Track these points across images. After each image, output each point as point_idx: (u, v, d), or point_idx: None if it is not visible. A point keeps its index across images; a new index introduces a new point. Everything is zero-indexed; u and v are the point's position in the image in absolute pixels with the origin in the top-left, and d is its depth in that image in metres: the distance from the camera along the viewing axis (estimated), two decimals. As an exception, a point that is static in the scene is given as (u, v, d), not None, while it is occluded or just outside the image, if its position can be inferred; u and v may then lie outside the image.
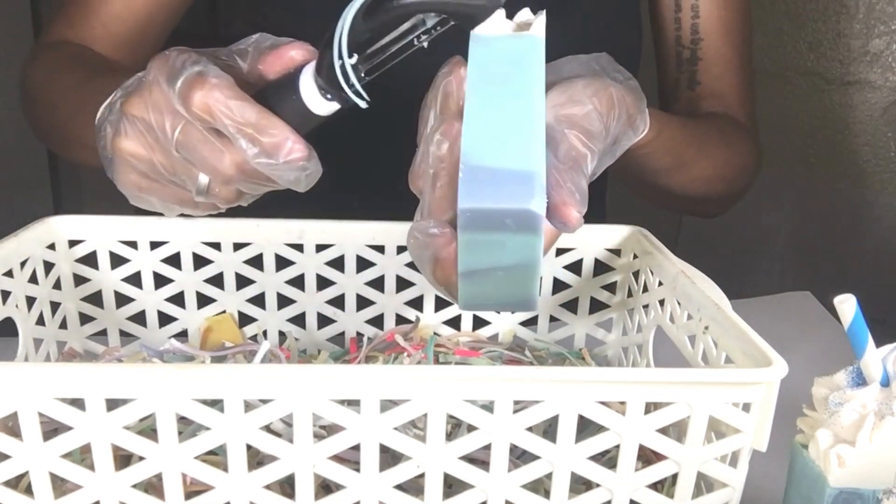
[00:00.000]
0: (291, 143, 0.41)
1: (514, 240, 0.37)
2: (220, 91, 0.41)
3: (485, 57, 0.40)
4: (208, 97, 0.41)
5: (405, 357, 0.58)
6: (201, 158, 0.43)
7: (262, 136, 0.41)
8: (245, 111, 0.41)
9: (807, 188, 1.70)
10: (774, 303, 0.82)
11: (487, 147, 0.38)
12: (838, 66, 1.65)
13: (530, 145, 0.38)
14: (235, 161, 0.43)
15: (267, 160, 0.41)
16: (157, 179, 0.46)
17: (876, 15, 1.61)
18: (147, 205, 0.49)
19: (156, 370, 0.37)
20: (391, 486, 0.39)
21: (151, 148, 0.44)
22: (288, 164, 0.41)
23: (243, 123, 0.41)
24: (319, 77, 0.41)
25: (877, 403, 0.39)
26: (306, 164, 0.42)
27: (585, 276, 0.62)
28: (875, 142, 1.66)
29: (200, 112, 0.41)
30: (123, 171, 0.46)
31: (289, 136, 0.41)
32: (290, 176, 0.42)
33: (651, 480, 0.41)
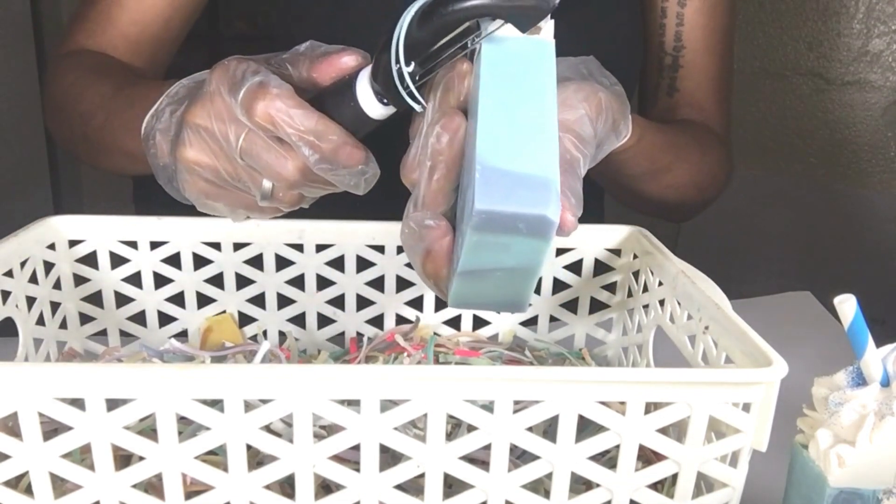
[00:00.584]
0: (350, 148, 0.43)
1: (522, 244, 0.37)
2: (282, 100, 0.42)
3: (497, 58, 0.40)
4: (270, 107, 0.42)
5: (405, 357, 0.58)
6: (265, 165, 0.44)
7: (323, 142, 0.42)
8: (306, 119, 0.42)
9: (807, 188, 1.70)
10: (774, 303, 0.82)
11: (504, 149, 0.37)
12: (838, 66, 1.65)
13: (547, 150, 0.38)
14: (298, 167, 0.44)
15: (328, 165, 0.43)
16: (223, 186, 0.48)
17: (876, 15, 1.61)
18: (213, 210, 0.50)
19: (156, 370, 0.37)
20: (391, 486, 0.39)
21: (216, 156, 0.46)
22: (348, 169, 0.43)
23: (304, 131, 0.42)
24: (376, 82, 0.42)
25: (877, 403, 0.39)
26: (365, 168, 0.44)
27: (585, 276, 0.62)
28: (875, 142, 1.66)
29: (263, 121, 0.42)
30: (189, 179, 0.48)
31: (347, 141, 0.43)
32: (350, 180, 0.44)
33: (651, 480, 0.41)
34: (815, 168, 1.69)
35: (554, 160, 0.38)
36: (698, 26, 0.79)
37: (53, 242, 0.57)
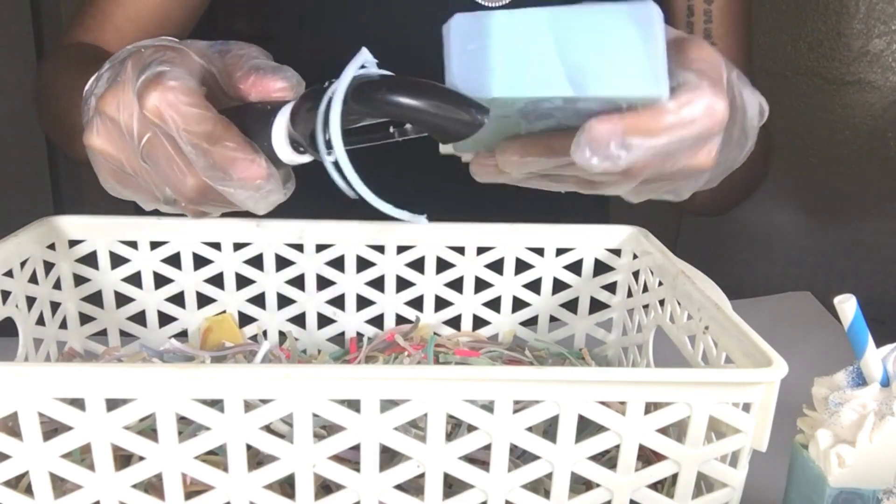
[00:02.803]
0: (248, 162, 0.39)
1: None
2: (176, 95, 0.38)
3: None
4: (161, 100, 0.38)
5: (405, 357, 0.58)
6: (164, 175, 0.41)
7: (216, 148, 0.38)
8: (200, 120, 0.38)
9: (807, 188, 1.70)
10: (774, 303, 0.82)
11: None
12: (838, 66, 1.65)
13: None
14: (198, 185, 0.40)
15: (220, 176, 0.39)
16: (130, 179, 0.44)
17: (876, 15, 1.61)
18: (122, 196, 0.47)
19: (156, 370, 0.37)
20: (391, 486, 0.39)
21: (121, 150, 0.42)
22: (242, 182, 0.39)
23: (195, 133, 0.38)
24: (294, 130, 0.39)
25: (877, 403, 0.39)
26: (263, 184, 0.39)
27: (585, 276, 0.62)
28: (875, 142, 1.66)
29: (152, 115, 0.39)
30: (97, 164, 0.45)
31: (246, 154, 0.39)
32: (243, 195, 0.40)
33: (651, 480, 0.41)
34: (815, 168, 1.69)
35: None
36: (725, 22, 0.78)
37: (53, 242, 0.57)
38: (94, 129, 0.43)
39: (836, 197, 1.70)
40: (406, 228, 0.60)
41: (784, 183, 1.68)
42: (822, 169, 1.69)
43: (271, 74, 0.41)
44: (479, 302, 0.63)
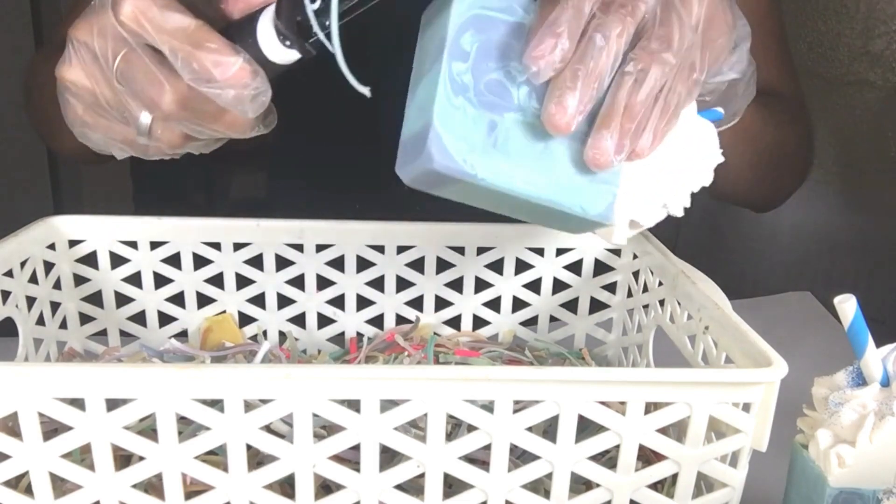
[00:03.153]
0: (233, 59, 0.37)
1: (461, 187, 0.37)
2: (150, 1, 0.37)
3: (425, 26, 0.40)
4: (137, 4, 0.37)
5: (405, 357, 0.58)
6: (140, 90, 0.39)
7: (199, 50, 0.37)
8: (180, 22, 0.37)
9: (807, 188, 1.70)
10: (774, 303, 0.82)
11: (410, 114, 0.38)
12: (838, 66, 1.65)
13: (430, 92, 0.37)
14: (177, 96, 0.39)
15: (205, 80, 0.37)
16: (101, 114, 0.42)
17: (876, 15, 1.61)
18: (90, 142, 0.45)
19: (156, 370, 0.37)
20: (391, 486, 0.39)
21: (94, 79, 0.41)
22: (230, 82, 0.37)
23: (178, 37, 0.37)
24: (279, 20, 0.38)
25: (877, 403, 0.39)
26: (249, 82, 0.38)
27: (585, 276, 0.62)
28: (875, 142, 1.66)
29: (129, 22, 0.37)
30: (69, 101, 0.43)
31: (231, 52, 0.37)
32: (230, 95, 0.38)
33: (651, 480, 0.41)
34: (815, 168, 1.69)
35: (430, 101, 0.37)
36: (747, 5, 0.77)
37: (53, 242, 0.57)
38: (66, 61, 0.41)
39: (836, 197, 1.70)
40: (406, 228, 0.60)
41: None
42: (822, 169, 1.69)
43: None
44: (479, 302, 0.63)
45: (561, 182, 0.39)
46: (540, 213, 0.40)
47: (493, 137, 0.37)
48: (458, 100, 0.37)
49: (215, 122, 0.40)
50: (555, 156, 0.39)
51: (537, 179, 0.38)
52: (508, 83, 0.38)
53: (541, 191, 0.38)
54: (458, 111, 0.37)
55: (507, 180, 0.37)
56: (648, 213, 0.42)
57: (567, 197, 0.39)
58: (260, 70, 0.38)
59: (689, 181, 0.43)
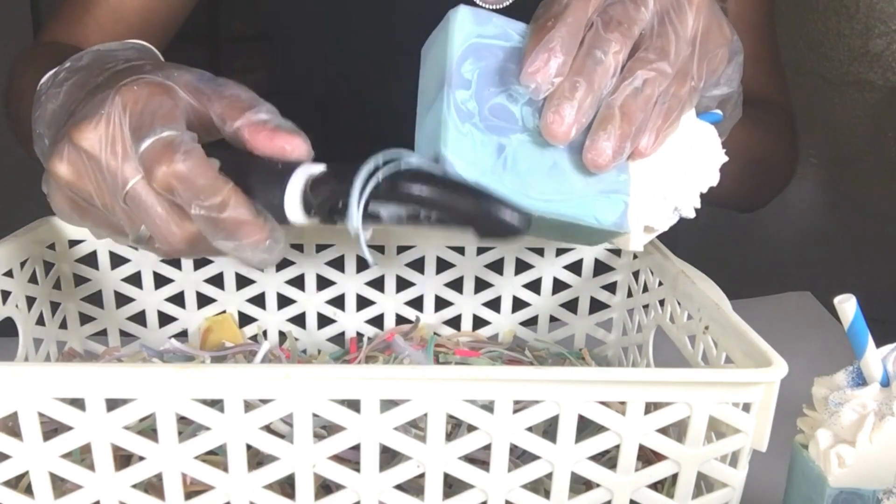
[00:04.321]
0: (257, 225, 0.37)
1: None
2: (190, 168, 0.36)
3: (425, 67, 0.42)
4: (174, 175, 0.36)
5: (405, 357, 0.58)
6: (151, 224, 0.39)
7: (226, 214, 0.37)
8: (214, 192, 0.37)
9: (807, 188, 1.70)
10: (774, 303, 0.82)
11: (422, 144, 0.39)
12: (838, 66, 1.65)
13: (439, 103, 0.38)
14: (188, 237, 0.39)
15: (230, 242, 0.37)
16: (94, 213, 0.41)
17: (876, 15, 1.61)
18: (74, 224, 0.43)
19: (156, 370, 0.37)
20: (391, 486, 0.39)
21: (95, 185, 0.39)
22: (252, 245, 0.37)
23: (209, 206, 0.36)
24: (314, 196, 0.37)
25: (877, 403, 0.39)
26: (273, 245, 0.38)
27: (585, 276, 0.62)
28: (875, 142, 1.66)
29: (162, 187, 0.37)
30: (56, 193, 0.41)
31: (255, 217, 0.37)
32: (247, 254, 0.38)
33: (651, 480, 0.41)
34: (816, 168, 1.69)
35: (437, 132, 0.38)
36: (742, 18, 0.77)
37: (53, 242, 0.57)
38: (62, 157, 0.39)
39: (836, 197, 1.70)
40: (406, 228, 0.60)
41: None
42: (822, 169, 1.69)
43: (288, 134, 0.39)
44: (479, 302, 0.63)
45: (573, 196, 0.40)
46: (558, 229, 0.41)
47: (502, 159, 0.38)
48: (465, 126, 0.38)
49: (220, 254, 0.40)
50: (564, 171, 0.40)
51: (550, 196, 0.39)
52: (511, 105, 0.39)
53: (554, 207, 0.39)
54: (465, 137, 0.38)
55: (520, 200, 0.38)
56: (661, 217, 0.43)
57: (580, 210, 0.40)
58: (279, 229, 0.38)
59: (696, 182, 0.44)
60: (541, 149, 0.39)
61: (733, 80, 0.45)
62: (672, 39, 0.40)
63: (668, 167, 0.42)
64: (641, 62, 0.39)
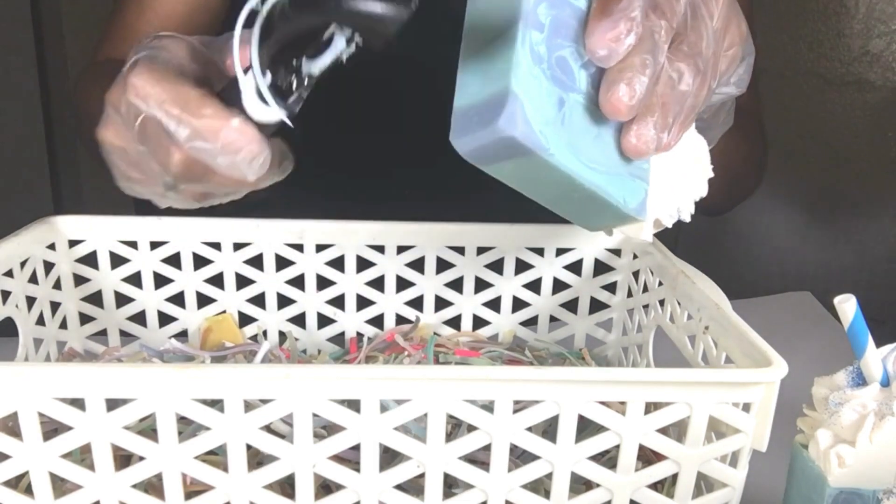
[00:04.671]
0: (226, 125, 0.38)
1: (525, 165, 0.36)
2: (153, 73, 0.39)
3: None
4: (141, 79, 0.39)
5: (405, 357, 0.58)
6: (154, 152, 0.41)
7: (194, 117, 0.38)
8: (177, 93, 0.39)
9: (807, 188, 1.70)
10: (774, 303, 0.82)
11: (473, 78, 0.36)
12: (838, 66, 1.65)
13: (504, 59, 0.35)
14: (182, 158, 0.40)
15: (202, 144, 0.39)
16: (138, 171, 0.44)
17: (876, 15, 1.61)
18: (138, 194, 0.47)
19: (156, 370, 0.37)
20: (391, 486, 0.39)
21: (124, 139, 0.43)
22: (224, 148, 0.39)
23: (173, 104, 0.39)
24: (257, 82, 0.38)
25: (877, 403, 0.39)
26: (243, 146, 0.39)
27: (585, 276, 0.62)
28: (875, 142, 1.66)
29: (135, 96, 0.40)
30: (111, 161, 0.45)
31: (225, 118, 0.38)
32: (224, 161, 0.39)
33: (651, 480, 0.41)
34: (815, 168, 1.69)
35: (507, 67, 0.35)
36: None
37: (53, 242, 0.57)
38: (104, 123, 0.43)
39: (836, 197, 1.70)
40: (406, 228, 0.60)
41: (784, 183, 1.68)
42: (822, 169, 1.69)
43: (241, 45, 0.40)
44: (479, 302, 0.63)
45: (610, 171, 0.38)
46: (577, 202, 0.39)
47: (561, 114, 0.36)
48: (535, 69, 0.35)
49: (224, 182, 0.41)
50: (605, 144, 0.38)
51: (593, 165, 0.37)
52: (573, 63, 0.37)
53: (596, 177, 0.37)
54: (535, 80, 0.35)
55: (570, 160, 0.36)
56: (668, 213, 0.43)
57: (613, 187, 0.38)
58: (255, 134, 0.39)
59: (693, 189, 0.43)
60: (590, 115, 0.37)
61: (743, 82, 0.44)
62: (704, 35, 0.39)
63: (677, 165, 0.42)
64: (680, 55, 0.38)
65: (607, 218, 0.41)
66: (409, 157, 0.69)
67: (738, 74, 0.44)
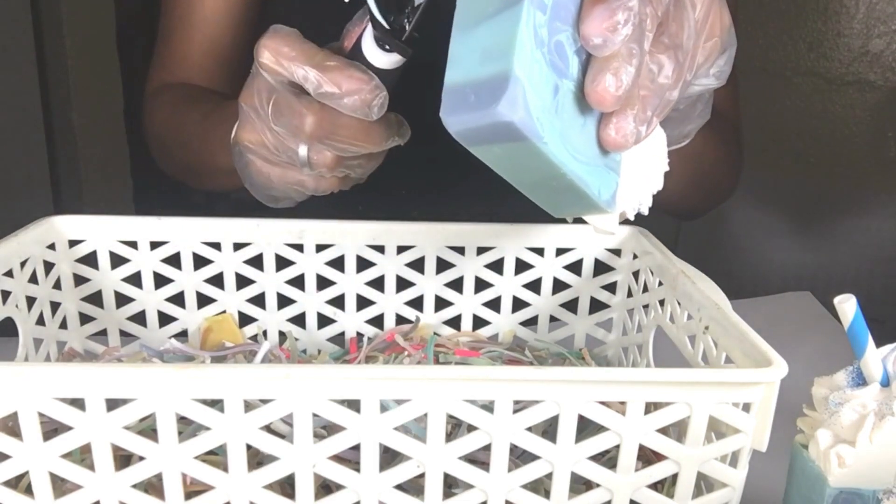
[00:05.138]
0: (347, 70, 0.43)
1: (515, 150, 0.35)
2: (279, 38, 0.44)
3: None
4: (270, 47, 0.44)
5: (405, 357, 0.58)
6: (288, 122, 0.45)
7: (321, 69, 0.43)
8: (306, 51, 0.43)
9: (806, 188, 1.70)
10: (774, 303, 0.82)
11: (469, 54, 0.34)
12: (838, 66, 1.65)
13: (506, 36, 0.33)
14: (315, 117, 0.45)
15: (330, 88, 0.43)
16: (274, 162, 0.49)
17: (876, 15, 1.61)
18: (276, 202, 0.52)
19: (156, 370, 0.37)
20: (391, 486, 0.39)
21: (259, 130, 0.47)
22: (349, 91, 0.43)
23: (304, 62, 0.43)
24: (375, 33, 0.44)
25: (877, 403, 0.39)
26: (365, 87, 0.43)
27: (585, 276, 0.62)
28: (875, 142, 1.66)
29: (267, 62, 0.44)
30: (249, 161, 0.49)
31: (346, 65, 0.43)
32: (351, 101, 0.43)
33: (651, 480, 0.41)
34: (815, 168, 1.69)
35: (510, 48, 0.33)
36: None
37: (53, 242, 0.57)
38: (240, 126, 0.48)
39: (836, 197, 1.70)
40: (406, 228, 0.60)
41: (784, 183, 1.68)
42: (822, 169, 1.69)
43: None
44: (479, 302, 0.63)
45: (590, 162, 0.37)
46: (553, 190, 0.38)
47: (555, 102, 0.35)
48: (536, 53, 0.34)
49: (353, 135, 0.45)
50: (588, 135, 0.37)
51: (577, 155, 0.37)
52: (568, 49, 0.36)
53: (578, 167, 0.37)
54: (536, 65, 0.34)
55: (559, 150, 0.35)
56: (631, 206, 0.42)
57: (592, 177, 0.38)
58: (373, 76, 0.44)
59: (652, 182, 0.43)
60: (577, 104, 0.36)
61: (723, 74, 0.43)
62: (685, 26, 0.38)
63: (641, 158, 0.42)
64: (661, 46, 0.37)
65: (578, 206, 0.40)
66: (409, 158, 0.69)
67: (719, 66, 0.43)
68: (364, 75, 0.43)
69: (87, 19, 1.76)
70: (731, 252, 1.75)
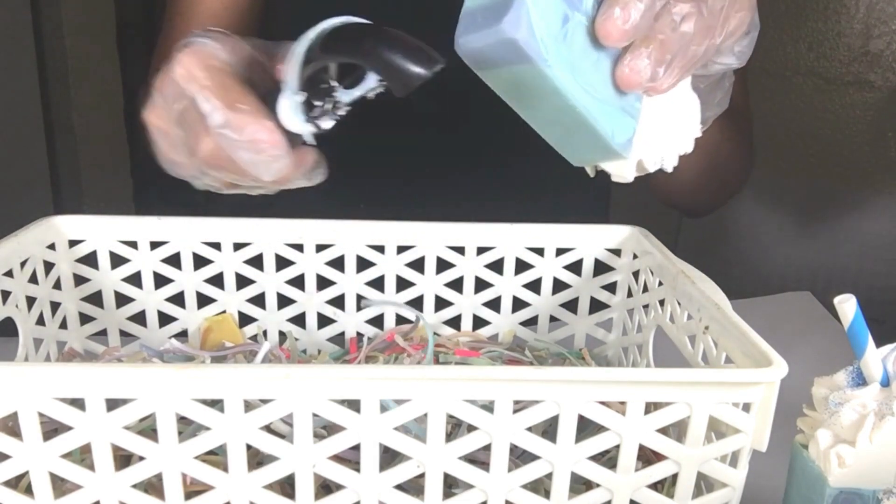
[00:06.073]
0: (258, 123, 0.40)
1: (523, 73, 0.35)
2: (200, 58, 0.41)
3: None
4: (187, 63, 0.41)
5: (405, 357, 0.58)
6: (188, 135, 0.43)
7: (230, 107, 0.40)
8: (220, 82, 0.40)
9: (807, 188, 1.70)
10: (774, 303, 0.82)
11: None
12: (838, 66, 1.65)
13: None
14: (211, 146, 0.42)
15: (230, 134, 0.40)
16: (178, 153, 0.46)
17: (876, 15, 1.61)
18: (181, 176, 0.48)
19: (156, 370, 0.37)
20: (391, 486, 0.39)
21: (166, 122, 0.45)
22: (249, 144, 0.40)
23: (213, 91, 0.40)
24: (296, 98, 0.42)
25: (877, 403, 0.39)
26: (268, 148, 0.40)
27: (585, 276, 0.62)
28: (875, 142, 1.66)
29: (180, 78, 0.41)
30: (155, 142, 0.47)
31: (258, 116, 0.40)
32: (247, 157, 0.41)
33: (651, 480, 0.41)
34: (815, 168, 1.69)
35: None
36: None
37: (53, 242, 0.57)
38: (149, 106, 0.45)
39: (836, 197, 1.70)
40: (406, 228, 0.60)
41: (784, 183, 1.68)
42: (823, 169, 1.69)
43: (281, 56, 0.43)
44: (479, 302, 0.63)
45: (603, 100, 0.38)
46: (567, 128, 0.39)
47: (564, 30, 0.36)
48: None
49: (245, 175, 0.43)
50: (601, 73, 0.38)
51: (588, 89, 0.37)
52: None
53: (588, 102, 0.37)
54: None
55: (566, 78, 0.36)
56: (652, 158, 0.42)
57: (605, 117, 0.38)
58: (282, 138, 0.41)
59: (680, 142, 0.43)
60: (591, 40, 0.37)
61: (744, 55, 0.44)
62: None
63: (668, 114, 0.42)
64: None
65: (593, 150, 0.41)
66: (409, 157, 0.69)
67: (742, 45, 0.43)
68: (270, 134, 0.40)
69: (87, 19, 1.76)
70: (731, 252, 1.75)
